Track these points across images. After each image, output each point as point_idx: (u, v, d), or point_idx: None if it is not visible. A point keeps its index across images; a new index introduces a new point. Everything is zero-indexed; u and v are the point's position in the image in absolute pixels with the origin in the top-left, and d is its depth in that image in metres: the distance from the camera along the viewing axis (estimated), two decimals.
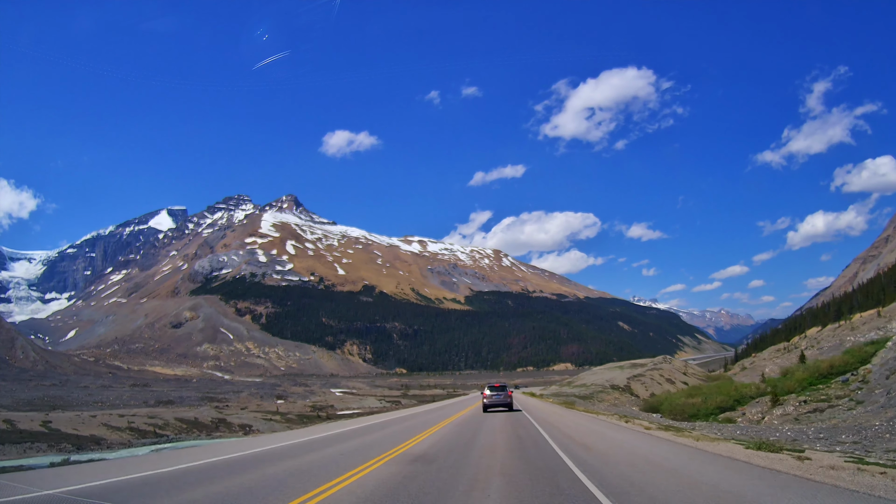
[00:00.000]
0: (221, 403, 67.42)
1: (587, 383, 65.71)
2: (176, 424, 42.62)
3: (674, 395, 43.60)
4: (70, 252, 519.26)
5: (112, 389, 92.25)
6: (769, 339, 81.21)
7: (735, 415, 33.28)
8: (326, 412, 57.96)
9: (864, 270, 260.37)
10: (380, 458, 11.39)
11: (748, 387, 38.71)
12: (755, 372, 51.64)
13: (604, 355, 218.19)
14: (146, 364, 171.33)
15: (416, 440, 15.18)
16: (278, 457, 12.50)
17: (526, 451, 12.02)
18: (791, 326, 79.82)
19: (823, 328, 60.88)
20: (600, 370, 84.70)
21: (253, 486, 8.59)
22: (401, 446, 13.55)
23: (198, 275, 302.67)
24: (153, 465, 11.72)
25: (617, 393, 56.50)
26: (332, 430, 22.21)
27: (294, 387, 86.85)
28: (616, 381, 62.69)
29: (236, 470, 10.50)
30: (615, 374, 70.18)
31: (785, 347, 61.45)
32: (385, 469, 9.88)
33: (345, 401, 76.79)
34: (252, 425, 44.38)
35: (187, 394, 79.32)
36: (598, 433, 16.37)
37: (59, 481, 9.32)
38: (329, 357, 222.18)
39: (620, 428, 18.12)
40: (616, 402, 50.42)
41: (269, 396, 76.81)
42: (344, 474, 9.36)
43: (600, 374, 76.07)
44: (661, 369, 69.95)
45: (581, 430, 17.58)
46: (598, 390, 56.25)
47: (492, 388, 30.65)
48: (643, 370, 69.51)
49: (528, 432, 16.47)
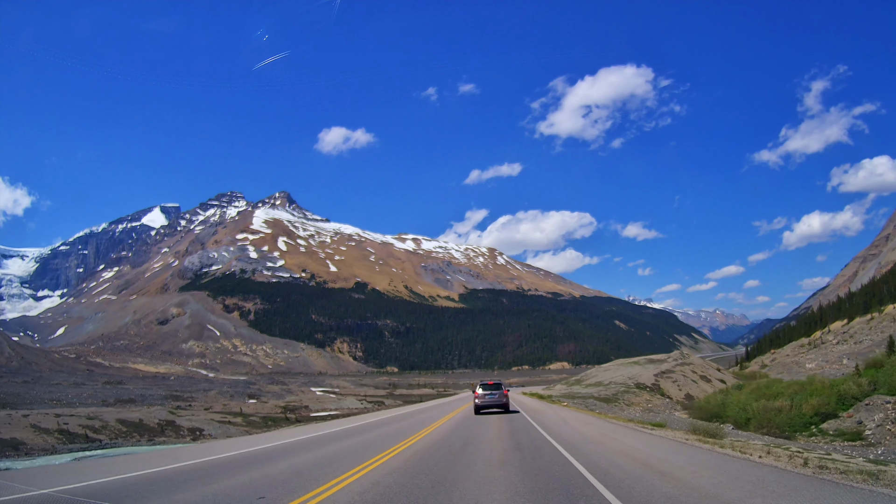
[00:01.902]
0: (184, 403, 62.96)
1: (603, 381, 56.83)
2: (115, 427, 38.23)
3: (736, 398, 30.20)
4: (63, 249, 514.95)
5: (84, 387, 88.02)
6: (785, 336, 77.38)
7: (845, 424, 22.65)
8: (299, 414, 53.86)
9: (864, 269, 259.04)
10: (330, 484, 8.74)
11: (844, 382, 26.16)
12: (784, 369, 47.11)
13: (601, 354, 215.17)
14: (129, 361, 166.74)
15: (387, 454, 12.13)
16: (210, 473, 10.57)
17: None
18: (809, 322, 76.10)
19: (850, 321, 57.43)
20: (613, 367, 74.74)
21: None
22: (364, 465, 10.61)
23: (187, 271, 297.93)
24: (57, 479, 10.12)
25: (646, 394, 46.38)
26: (295, 436, 19.99)
27: (271, 385, 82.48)
28: (641, 378, 52.05)
29: (146, 491, 8.72)
30: (635, 370, 60.12)
31: (810, 343, 57.58)
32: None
33: (322, 401, 71.94)
34: (204, 429, 40.02)
35: (154, 392, 74.99)
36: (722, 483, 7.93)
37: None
38: (318, 355, 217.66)
39: (734, 460, 10.10)
40: (649, 405, 41.49)
41: (242, 395, 72.58)
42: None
43: (615, 370, 66.68)
44: (692, 364, 58.00)
45: (674, 470, 9.22)
46: (622, 390, 47.01)
47: (485, 386, 27.39)
48: (670, 365, 57.63)
49: (561, 471, 9.25)
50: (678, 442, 13.43)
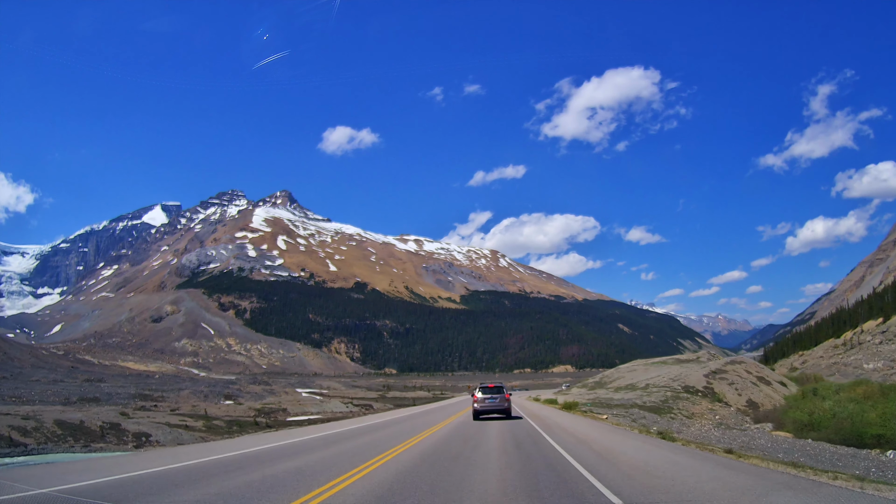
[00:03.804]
0: (150, 403, 57.84)
1: (636, 384, 46.30)
2: (50, 429, 33.18)
3: (847, 405, 22.07)
4: (63, 247, 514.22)
5: (60, 384, 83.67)
6: (809, 337, 72.81)
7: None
8: (274, 417, 49.05)
9: (871, 274, 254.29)
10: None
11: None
12: (829, 370, 41.63)
13: (606, 357, 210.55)
14: (118, 359, 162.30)
15: (342, 481, 9.22)
16: (109, 496, 8.13)
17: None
18: (838, 321, 71.35)
19: (887, 320, 52.90)
20: (639, 367, 64.57)
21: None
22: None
23: (185, 269, 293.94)
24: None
25: (705, 401, 35.59)
26: (251, 446, 17.04)
27: (253, 385, 77.60)
28: (689, 380, 40.73)
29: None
30: (675, 370, 49.24)
31: (844, 343, 52.81)
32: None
33: (304, 404, 66.41)
34: (152, 435, 34.90)
35: (126, 390, 69.99)
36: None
37: None
38: (314, 355, 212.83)
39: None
40: (716, 416, 30.94)
41: (218, 396, 67.55)
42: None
43: (643, 371, 57.26)
44: (744, 363, 46.69)
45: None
46: (669, 395, 36.55)
47: (485, 389, 25.00)
48: (719, 364, 46.43)
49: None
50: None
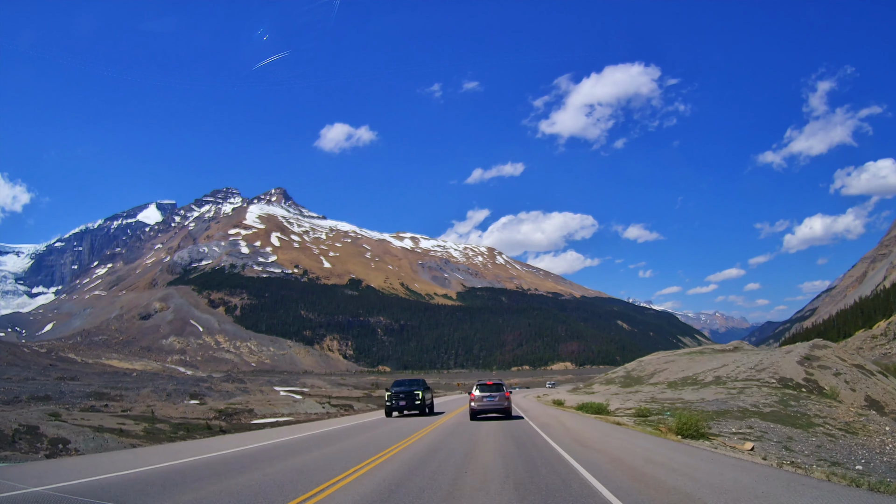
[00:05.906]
0: (100, 403, 52.21)
1: (695, 377, 37.25)
2: None
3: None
4: (58, 246, 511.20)
5: (29, 382, 79.70)
6: (835, 328, 68.65)
7: None
8: (236, 420, 44.24)
9: (873, 269, 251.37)
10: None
11: None
12: None
13: (606, 354, 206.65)
14: (102, 357, 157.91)
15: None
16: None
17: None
18: (868, 310, 67.42)
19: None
20: (682, 358, 52.87)
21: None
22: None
23: (176, 266, 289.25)
24: None
25: (826, 399, 26.16)
26: (185, 456, 13.98)
27: (226, 383, 72.90)
28: (781, 370, 31.27)
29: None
30: (742, 358, 40.07)
31: (885, 333, 48.75)
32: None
33: (275, 404, 60.26)
34: (71, 441, 30.22)
35: (84, 389, 64.68)
36: None
37: None
38: (306, 352, 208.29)
39: None
40: (861, 419, 22.00)
41: (183, 395, 62.07)
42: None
43: (688, 362, 47.02)
44: (832, 347, 38.44)
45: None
46: (776, 394, 26.53)
47: (483, 387, 22.92)
48: (805, 350, 35.91)
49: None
50: None
